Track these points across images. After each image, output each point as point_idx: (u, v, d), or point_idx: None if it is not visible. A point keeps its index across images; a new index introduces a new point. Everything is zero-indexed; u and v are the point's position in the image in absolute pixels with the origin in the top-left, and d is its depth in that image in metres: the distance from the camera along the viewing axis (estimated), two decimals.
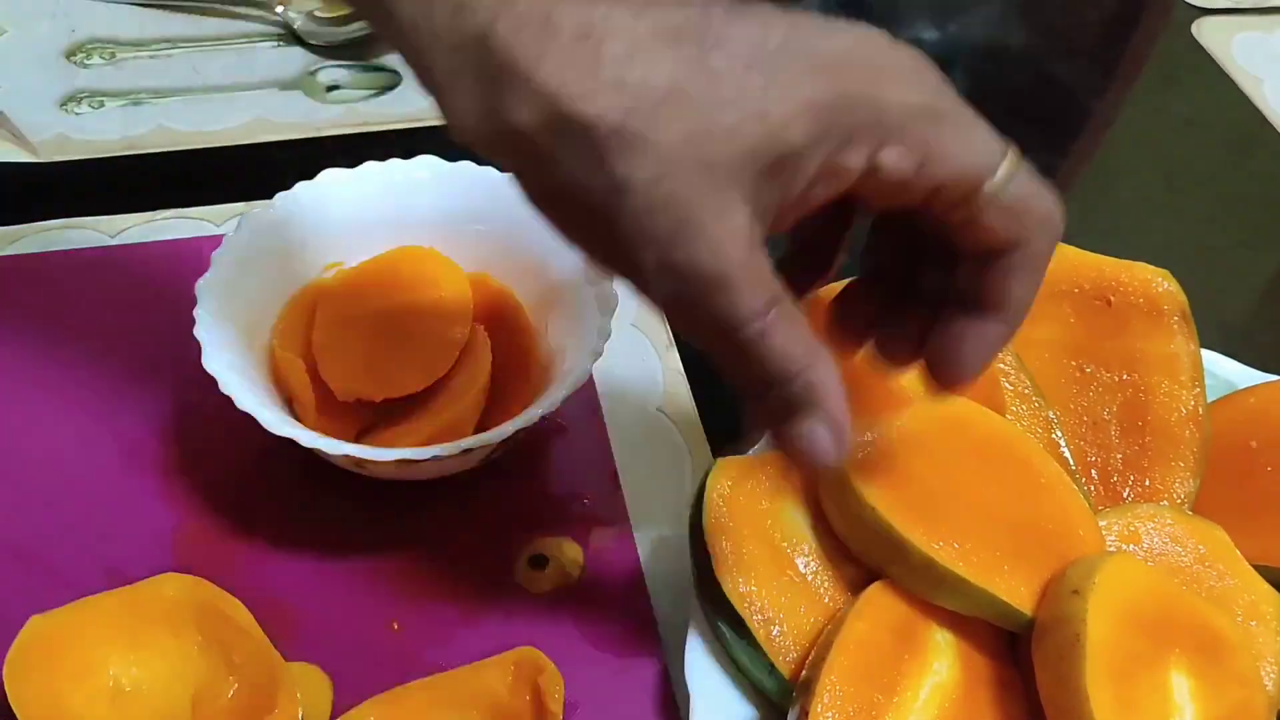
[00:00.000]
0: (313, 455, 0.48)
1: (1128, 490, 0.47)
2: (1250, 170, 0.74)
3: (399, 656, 0.47)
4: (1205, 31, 0.82)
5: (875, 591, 0.42)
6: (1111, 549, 0.44)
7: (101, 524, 0.50)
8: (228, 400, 0.46)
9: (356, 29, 0.73)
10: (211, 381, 0.46)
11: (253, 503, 0.51)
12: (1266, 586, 0.44)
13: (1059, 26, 0.85)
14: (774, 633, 0.42)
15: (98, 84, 0.69)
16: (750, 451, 0.48)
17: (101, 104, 0.68)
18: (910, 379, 0.48)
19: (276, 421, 0.46)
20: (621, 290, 0.52)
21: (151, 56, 0.72)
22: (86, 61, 0.71)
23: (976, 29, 0.83)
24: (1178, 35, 0.82)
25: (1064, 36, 0.84)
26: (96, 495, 0.51)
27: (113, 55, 0.71)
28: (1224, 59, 0.80)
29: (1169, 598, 0.41)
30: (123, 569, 0.48)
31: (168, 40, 0.73)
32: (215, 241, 0.51)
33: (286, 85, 0.71)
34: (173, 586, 0.46)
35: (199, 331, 0.47)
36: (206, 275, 0.49)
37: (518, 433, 0.47)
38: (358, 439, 0.51)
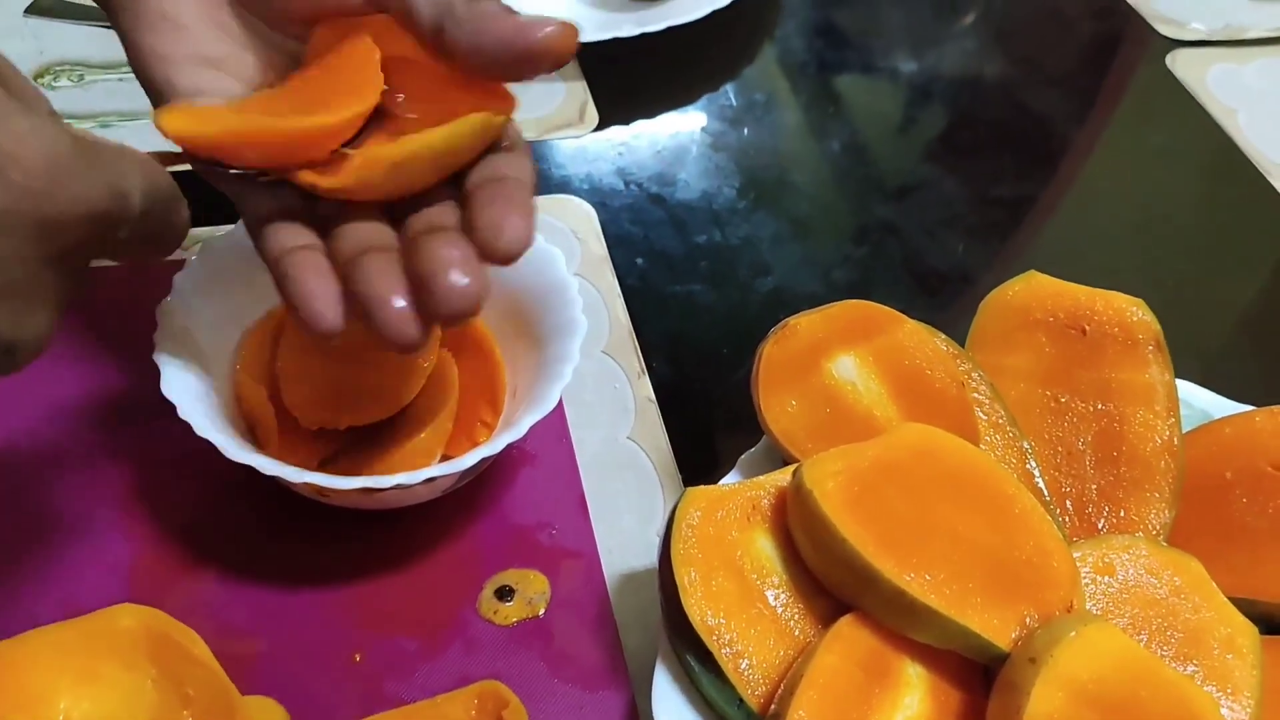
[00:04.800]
0: (275, 484, 0.47)
1: (1102, 521, 0.47)
2: (1225, 201, 0.74)
3: (360, 689, 0.46)
4: (1180, 63, 0.82)
5: (846, 624, 0.41)
6: (1086, 582, 0.43)
7: (55, 552, 0.49)
8: (187, 427, 0.45)
9: None
10: (171, 408, 0.45)
11: (212, 532, 0.50)
12: (1243, 619, 0.43)
13: (1035, 57, 0.85)
14: (743, 666, 0.41)
15: (65, 106, 0.69)
16: (722, 481, 0.47)
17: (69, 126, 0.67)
18: (883, 408, 0.48)
19: (236, 449, 0.45)
20: (590, 317, 0.51)
21: (120, 79, 0.71)
22: (54, 84, 0.70)
23: (954, 59, 0.83)
24: (1153, 67, 0.83)
25: (1040, 67, 0.84)
26: (51, 523, 0.50)
27: (81, 78, 0.71)
28: (1199, 90, 0.80)
29: (1144, 676, 0.39)
30: (76, 599, 0.47)
31: None
32: (177, 265, 0.50)
33: None
34: (127, 617, 0.44)
35: (158, 356, 0.46)
36: (167, 299, 0.49)
37: (483, 461, 0.46)
38: (322, 467, 0.50)
